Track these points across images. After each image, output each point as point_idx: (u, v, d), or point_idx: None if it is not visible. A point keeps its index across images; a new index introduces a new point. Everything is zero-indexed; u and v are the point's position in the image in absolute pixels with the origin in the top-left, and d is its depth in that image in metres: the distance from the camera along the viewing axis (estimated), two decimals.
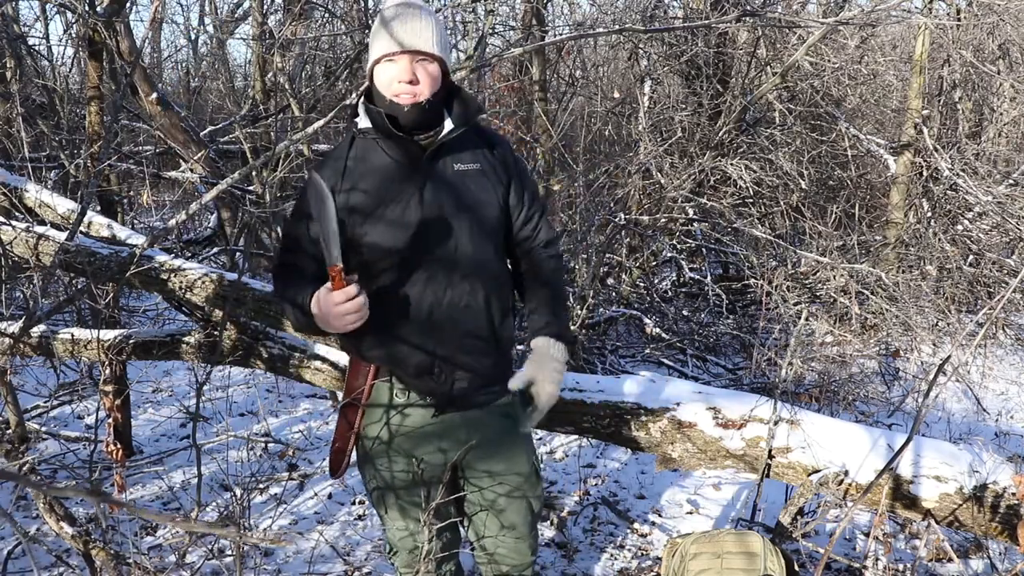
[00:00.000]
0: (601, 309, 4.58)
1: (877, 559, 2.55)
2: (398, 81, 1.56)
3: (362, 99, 1.66)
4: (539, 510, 1.89)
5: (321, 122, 2.66)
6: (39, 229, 2.84)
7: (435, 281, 1.63)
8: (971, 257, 5.29)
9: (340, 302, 1.48)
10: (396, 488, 1.76)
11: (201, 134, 5.91)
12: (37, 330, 2.92)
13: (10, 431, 2.43)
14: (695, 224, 5.27)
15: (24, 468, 2.02)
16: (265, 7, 6.46)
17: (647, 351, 4.52)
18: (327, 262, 1.49)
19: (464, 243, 1.64)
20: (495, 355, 1.74)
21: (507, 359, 1.80)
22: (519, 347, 2.77)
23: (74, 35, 5.99)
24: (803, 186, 5.32)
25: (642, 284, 5.06)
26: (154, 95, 5.50)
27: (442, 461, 1.74)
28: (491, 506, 1.81)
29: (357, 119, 1.67)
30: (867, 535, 2.78)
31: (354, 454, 1.78)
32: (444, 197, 1.63)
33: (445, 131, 1.62)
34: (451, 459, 1.74)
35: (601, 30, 3.76)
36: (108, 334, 2.97)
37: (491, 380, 1.75)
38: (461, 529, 1.97)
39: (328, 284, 1.49)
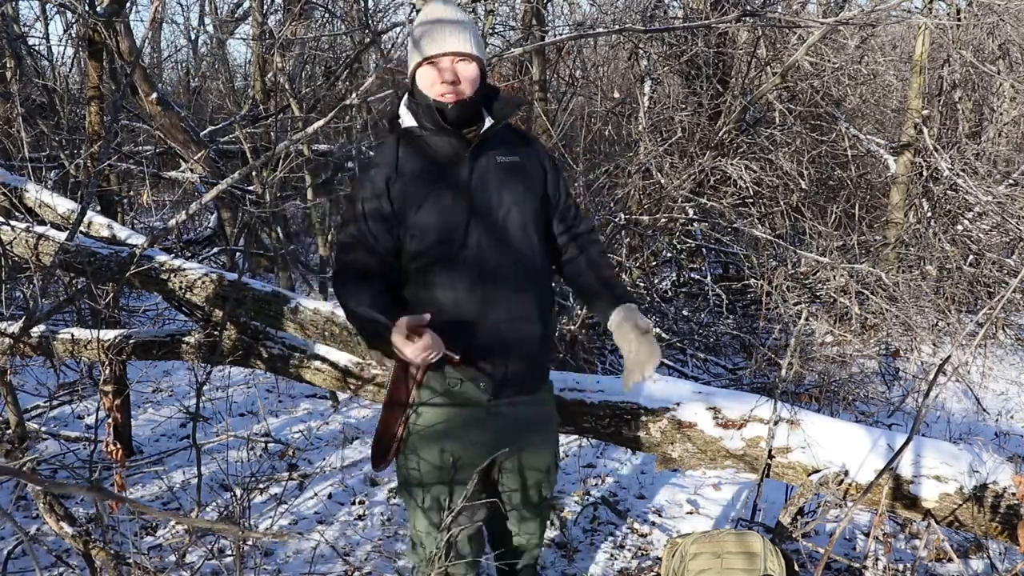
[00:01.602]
0: None
1: (877, 559, 2.55)
2: (441, 82, 1.65)
3: (404, 100, 1.75)
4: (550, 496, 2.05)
5: (321, 122, 2.66)
6: (39, 229, 2.84)
7: (485, 270, 1.70)
8: (971, 257, 5.29)
9: (419, 351, 1.53)
10: (430, 484, 1.77)
11: (201, 134, 5.90)
12: (37, 330, 2.92)
13: (10, 431, 2.42)
14: (695, 224, 5.27)
15: (24, 468, 2.02)
16: (265, 7, 6.46)
17: None
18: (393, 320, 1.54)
19: (510, 231, 1.73)
20: (542, 337, 1.81)
21: (551, 344, 1.89)
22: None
23: (74, 35, 5.99)
24: (803, 186, 5.32)
25: (642, 284, 5.05)
26: (154, 95, 5.50)
27: (482, 455, 1.75)
28: (523, 502, 1.94)
29: (399, 120, 1.74)
30: (867, 535, 2.78)
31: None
32: (490, 188, 1.72)
33: (486, 126, 1.71)
34: (489, 452, 1.77)
35: (601, 30, 3.76)
36: (108, 334, 2.97)
37: (539, 363, 1.85)
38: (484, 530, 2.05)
39: (403, 330, 1.52)
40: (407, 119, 1.73)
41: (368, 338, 1.71)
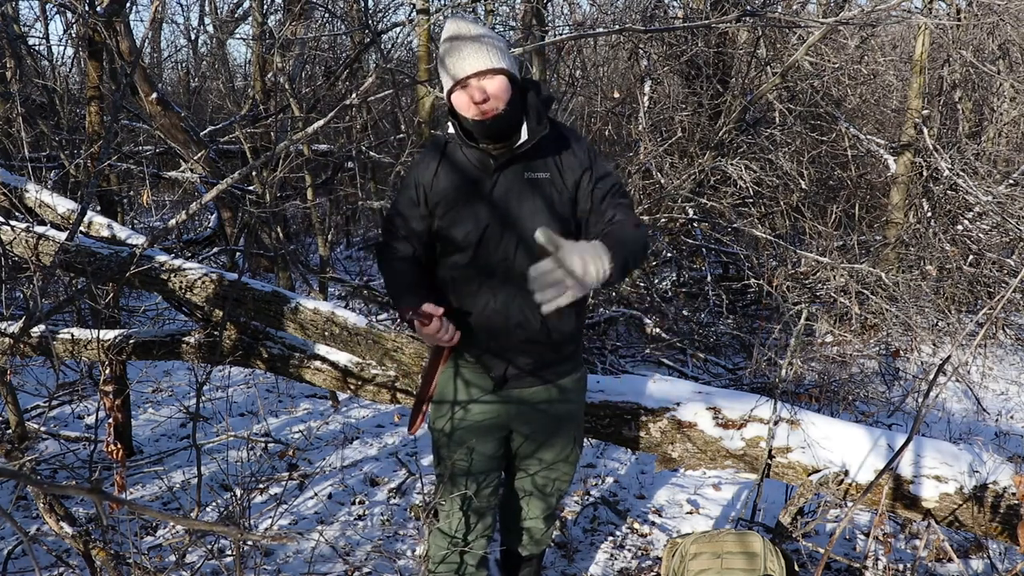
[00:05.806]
0: (601, 309, 4.58)
1: (877, 559, 2.55)
2: (471, 103, 1.70)
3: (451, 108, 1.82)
4: (565, 488, 2.20)
5: (321, 122, 2.66)
6: (39, 229, 2.84)
7: (493, 278, 1.82)
8: (971, 257, 5.29)
9: (430, 334, 1.78)
10: (447, 446, 1.98)
11: (201, 134, 5.91)
12: (37, 330, 2.92)
13: (10, 431, 2.43)
14: (695, 224, 5.27)
15: (24, 468, 2.02)
16: (265, 7, 6.46)
17: (647, 351, 4.52)
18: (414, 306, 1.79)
19: (527, 244, 1.79)
20: (548, 345, 1.90)
21: (563, 350, 1.95)
22: None
23: (74, 35, 6.00)
24: (803, 186, 5.32)
25: (642, 284, 5.05)
26: (154, 95, 5.50)
27: (491, 429, 1.95)
28: (536, 489, 2.12)
29: (448, 124, 1.85)
30: (867, 535, 2.78)
31: (428, 413, 2.03)
32: (512, 203, 1.81)
33: (521, 140, 1.77)
34: (499, 428, 1.96)
35: (601, 30, 3.76)
36: (108, 334, 2.97)
37: (551, 362, 1.93)
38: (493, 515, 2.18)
39: (420, 315, 1.77)
40: (451, 127, 1.83)
41: (397, 310, 1.91)
